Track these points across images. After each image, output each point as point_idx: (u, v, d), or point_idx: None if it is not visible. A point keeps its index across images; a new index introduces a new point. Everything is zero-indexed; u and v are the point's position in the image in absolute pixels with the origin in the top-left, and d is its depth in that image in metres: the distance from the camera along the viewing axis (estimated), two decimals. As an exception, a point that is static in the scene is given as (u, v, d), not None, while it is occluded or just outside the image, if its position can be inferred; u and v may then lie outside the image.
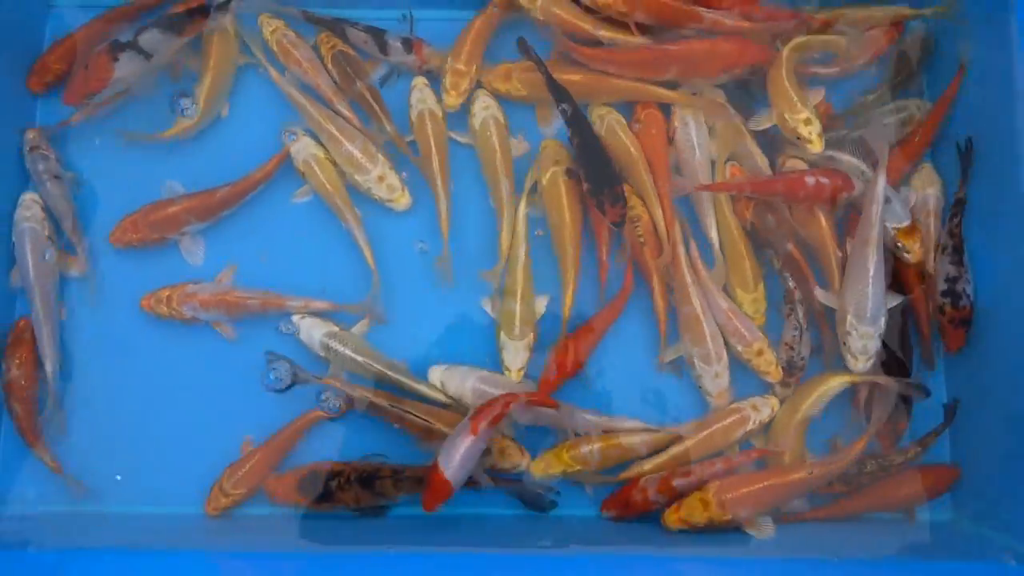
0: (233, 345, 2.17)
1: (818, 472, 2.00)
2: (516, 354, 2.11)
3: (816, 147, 2.12)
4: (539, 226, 2.21)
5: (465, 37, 2.26)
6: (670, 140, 2.22)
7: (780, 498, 2.02)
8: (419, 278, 2.20)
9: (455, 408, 2.10)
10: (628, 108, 2.25)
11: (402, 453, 2.06)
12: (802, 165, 2.19)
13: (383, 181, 2.20)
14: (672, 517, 2.01)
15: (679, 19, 2.18)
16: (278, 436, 2.11)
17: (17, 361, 2.12)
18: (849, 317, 2.04)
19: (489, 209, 2.20)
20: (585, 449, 2.06)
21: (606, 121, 2.22)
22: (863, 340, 2.03)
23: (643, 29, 2.19)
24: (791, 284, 2.15)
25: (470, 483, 1.97)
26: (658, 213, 2.14)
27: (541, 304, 2.16)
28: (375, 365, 2.11)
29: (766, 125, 2.19)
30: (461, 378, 2.11)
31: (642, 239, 2.13)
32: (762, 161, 2.21)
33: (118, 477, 2.12)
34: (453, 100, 2.22)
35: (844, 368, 2.07)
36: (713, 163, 2.22)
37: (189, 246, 2.20)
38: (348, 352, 2.10)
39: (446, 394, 2.11)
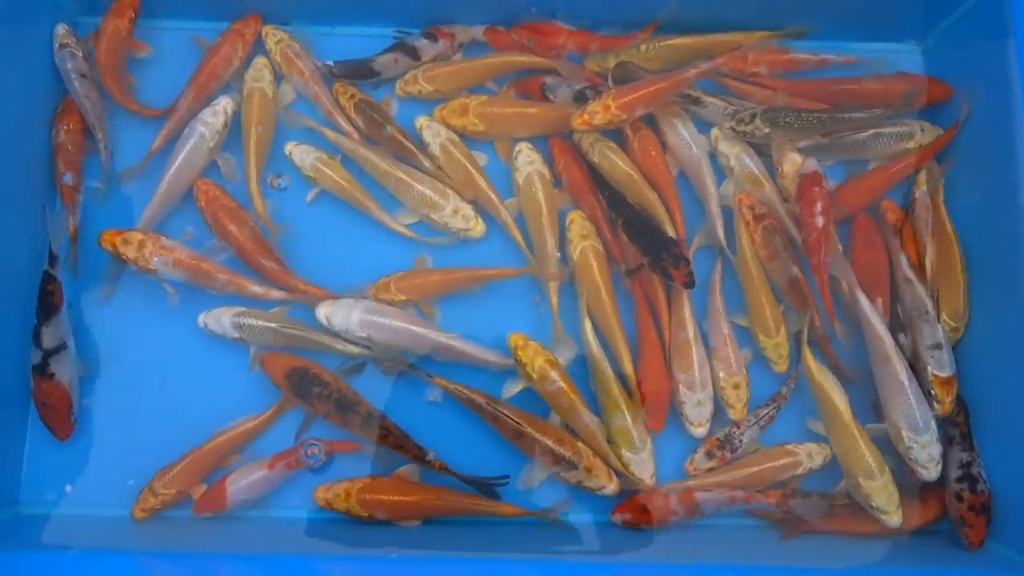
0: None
1: (446, 501, 2.04)
2: (644, 464, 2.11)
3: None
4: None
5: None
6: (663, 146, 2.25)
7: (412, 514, 2.05)
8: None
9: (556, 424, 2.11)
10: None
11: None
12: (796, 158, 2.22)
13: (458, 213, 2.23)
14: (320, 493, 2.06)
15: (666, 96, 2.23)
16: (212, 442, 2.10)
17: (66, 127, 2.19)
18: (904, 434, 2.01)
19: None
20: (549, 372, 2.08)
21: (597, 148, 2.24)
22: (926, 448, 2.00)
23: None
24: (784, 389, 2.17)
25: (426, 462, 2.04)
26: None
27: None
28: (289, 329, 2.13)
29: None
30: (347, 310, 2.11)
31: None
32: (783, 207, 2.21)
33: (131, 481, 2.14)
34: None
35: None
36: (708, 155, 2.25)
37: (214, 248, 2.19)
38: (260, 323, 2.12)
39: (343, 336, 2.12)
